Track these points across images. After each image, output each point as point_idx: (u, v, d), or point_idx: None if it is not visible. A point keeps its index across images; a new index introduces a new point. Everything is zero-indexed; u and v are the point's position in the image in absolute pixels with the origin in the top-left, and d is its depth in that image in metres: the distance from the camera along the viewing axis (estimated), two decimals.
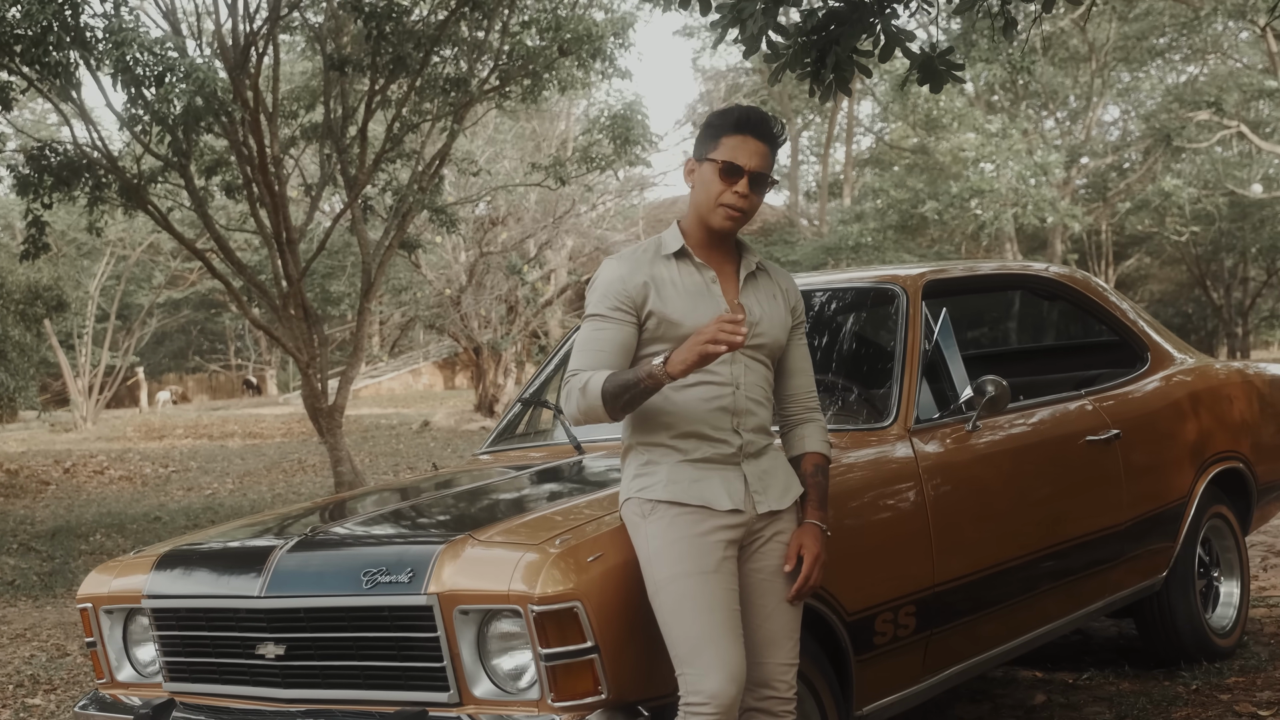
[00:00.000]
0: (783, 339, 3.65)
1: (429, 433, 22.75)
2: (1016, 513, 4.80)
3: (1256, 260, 44.32)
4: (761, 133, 3.55)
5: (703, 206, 3.55)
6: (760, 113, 3.59)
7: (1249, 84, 27.54)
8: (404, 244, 14.89)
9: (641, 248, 3.63)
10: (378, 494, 4.84)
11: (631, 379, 3.34)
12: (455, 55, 13.93)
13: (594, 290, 3.56)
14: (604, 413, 3.39)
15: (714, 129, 3.57)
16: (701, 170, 3.56)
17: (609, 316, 3.51)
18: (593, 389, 3.39)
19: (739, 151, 3.51)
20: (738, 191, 3.51)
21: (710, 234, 3.59)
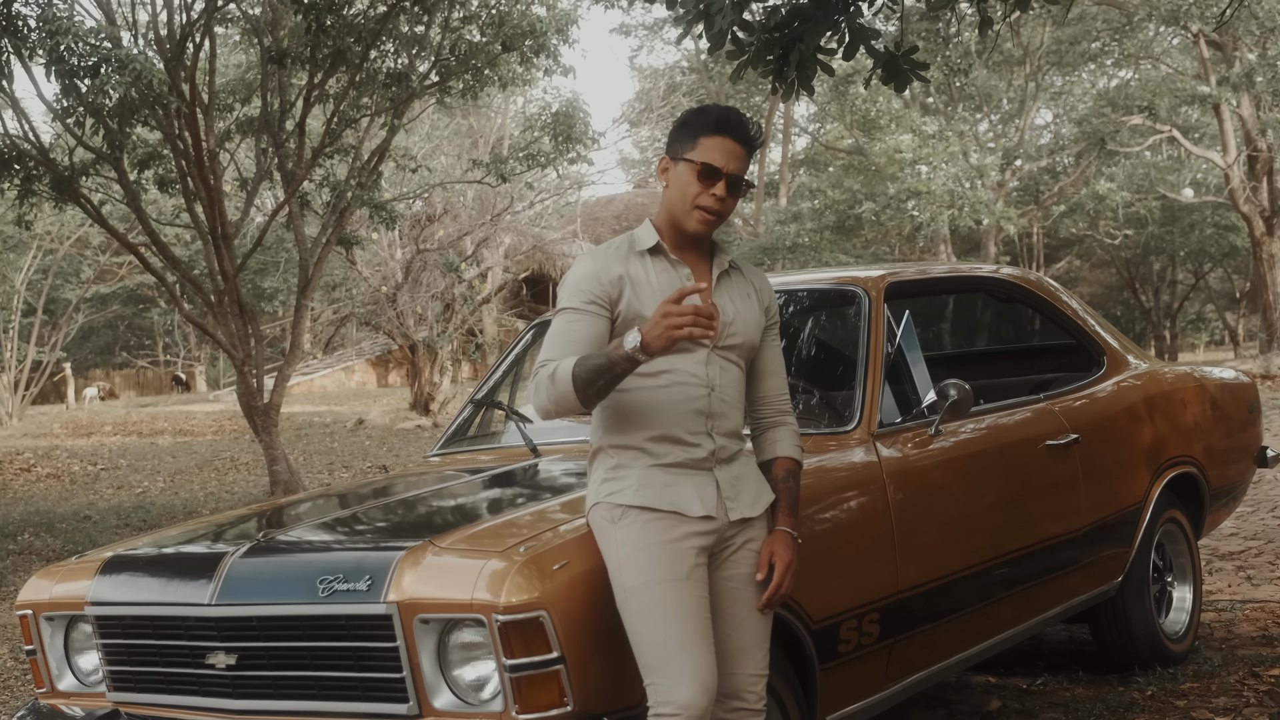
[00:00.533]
0: (756, 339, 3.57)
1: (364, 431, 22.54)
2: (978, 519, 4.75)
3: (1184, 264, 44.87)
4: (740, 134, 3.47)
5: (677, 208, 3.46)
6: (738, 113, 3.51)
7: (1182, 89, 27.77)
8: (342, 240, 14.69)
9: (614, 244, 3.54)
10: (329, 498, 4.72)
11: (604, 362, 3.22)
12: (396, 50, 13.75)
13: (566, 285, 3.47)
14: (575, 401, 3.28)
15: (691, 128, 3.48)
16: (677, 170, 3.47)
17: (582, 310, 3.41)
18: (562, 375, 3.27)
19: (717, 153, 3.43)
20: (715, 194, 3.43)
21: (684, 234, 3.51)
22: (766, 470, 3.61)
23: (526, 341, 5.51)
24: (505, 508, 3.98)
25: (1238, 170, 29.05)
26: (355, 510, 4.21)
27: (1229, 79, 26.97)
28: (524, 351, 5.50)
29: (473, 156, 21.79)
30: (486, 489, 4.40)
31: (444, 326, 22.62)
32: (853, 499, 4.25)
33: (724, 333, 3.48)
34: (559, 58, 13.67)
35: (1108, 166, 33.52)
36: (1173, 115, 30.73)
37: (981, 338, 7.21)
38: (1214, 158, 30.15)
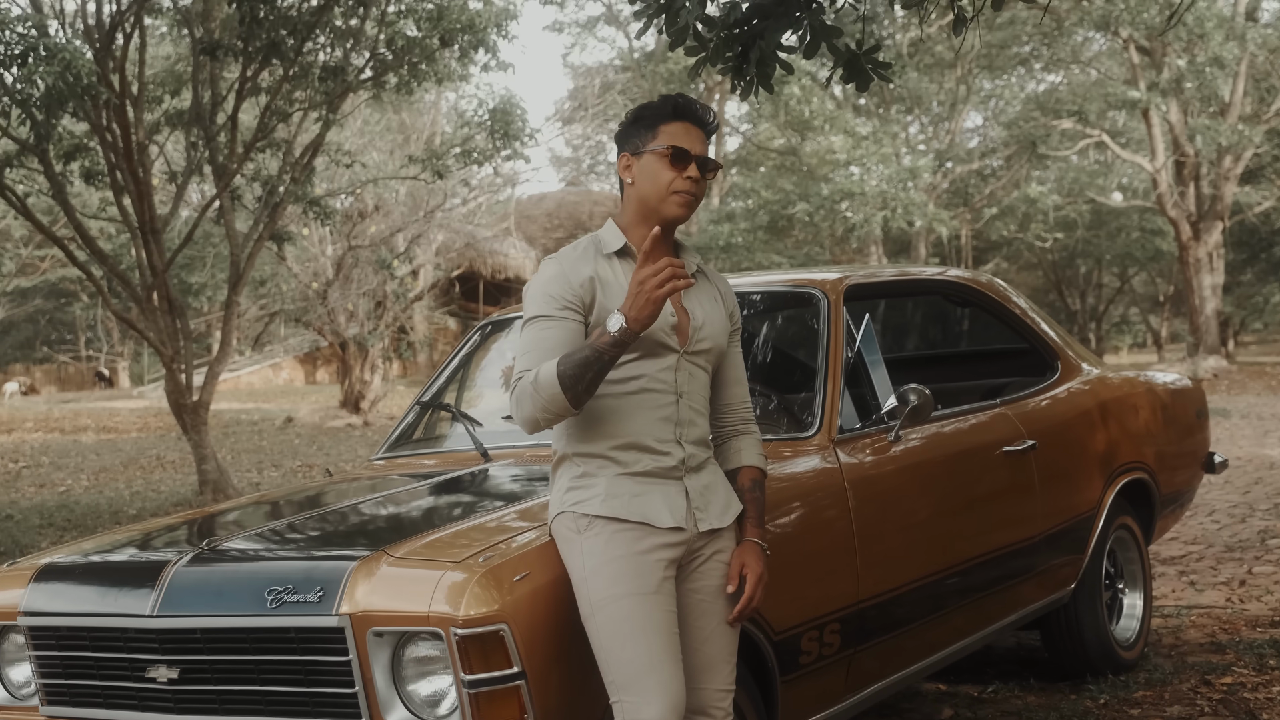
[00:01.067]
0: (724, 344, 3.47)
1: (293, 429, 22.25)
2: (938, 526, 4.67)
3: (1110, 267, 45.35)
4: (698, 117, 3.40)
5: (652, 198, 3.35)
6: (693, 99, 3.43)
7: (1114, 94, 28.01)
8: (274, 236, 14.46)
9: (579, 246, 3.42)
10: (274, 503, 4.55)
11: (589, 354, 3.10)
12: (331, 43, 13.54)
13: (534, 291, 3.34)
14: (565, 402, 3.14)
15: (648, 119, 3.38)
16: (643, 163, 3.36)
17: (556, 316, 3.28)
18: (546, 379, 3.14)
19: (682, 138, 3.34)
20: (690, 177, 3.33)
21: (663, 222, 3.40)
22: (731, 480, 3.51)
23: (475, 342, 5.38)
24: (460, 515, 3.84)
25: (1166, 175, 29.36)
26: (302, 517, 4.05)
27: (1159, 84, 27.23)
28: (471, 352, 5.37)
29: (406, 152, 21.57)
30: (438, 495, 4.26)
31: (375, 324, 22.36)
32: (814, 507, 4.15)
33: (694, 337, 3.38)
34: (497, 53, 13.51)
35: (1037, 170, 33.77)
36: (1101, 120, 31.01)
37: (933, 341, 7.15)
38: (1142, 162, 30.46)
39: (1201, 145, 27.82)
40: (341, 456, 17.78)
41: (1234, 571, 7.80)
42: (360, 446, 19.10)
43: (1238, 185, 30.80)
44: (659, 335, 3.30)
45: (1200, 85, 27.08)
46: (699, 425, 3.39)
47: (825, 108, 28.63)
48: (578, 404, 3.16)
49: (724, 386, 3.53)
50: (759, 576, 3.36)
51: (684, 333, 3.37)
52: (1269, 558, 8.14)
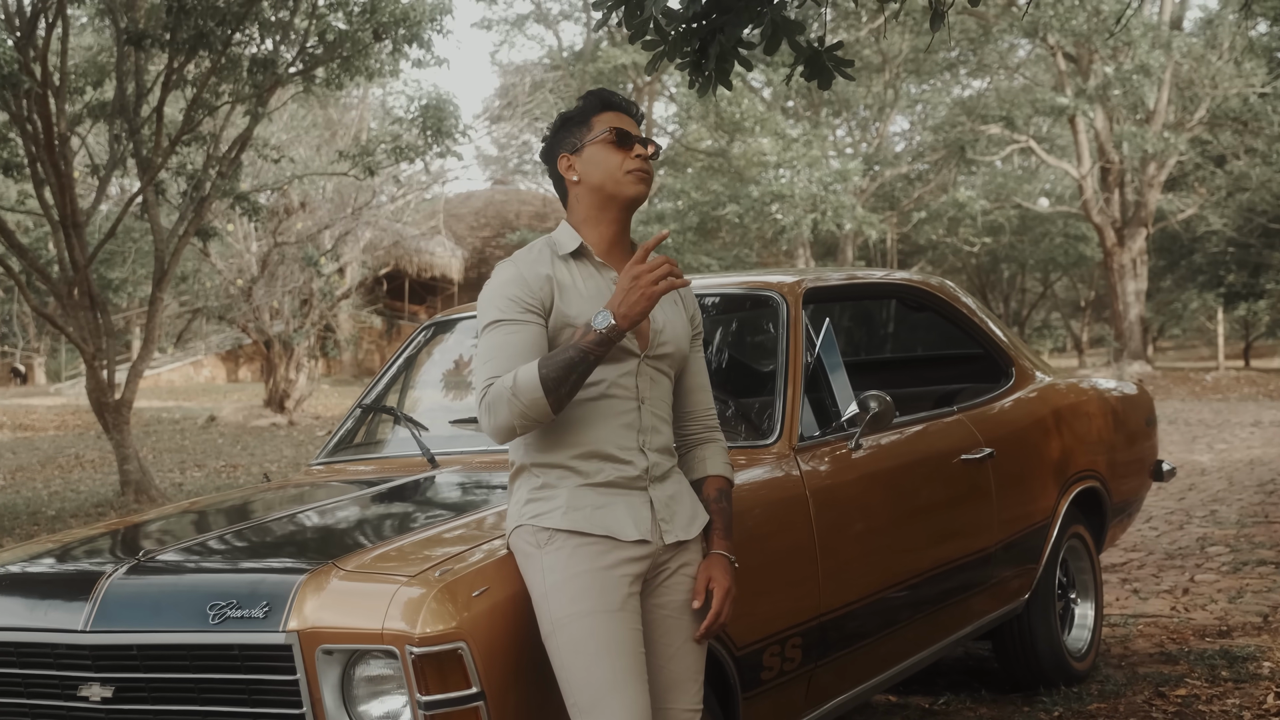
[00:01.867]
0: (685, 349, 3.34)
1: (215, 428, 21.87)
2: (898, 537, 4.57)
3: (1033, 271, 45.70)
4: (626, 107, 3.33)
5: (608, 184, 3.23)
6: (617, 93, 3.34)
7: (1043, 100, 28.18)
8: (200, 232, 14.15)
9: (533, 249, 3.28)
10: (212, 510, 4.36)
11: (574, 354, 2.98)
12: (261, 35, 13.27)
13: (492, 295, 3.19)
14: (546, 407, 3.00)
15: (579, 117, 3.30)
16: (586, 155, 3.26)
17: (519, 320, 3.14)
18: (526, 383, 2.99)
19: (619, 123, 3.27)
20: (639, 155, 3.23)
21: (613, 227, 3.27)
22: (696, 489, 3.37)
23: (419, 343, 5.20)
24: (412, 526, 3.66)
25: (1091, 181, 29.60)
26: (244, 526, 3.85)
27: (1086, 91, 27.44)
28: (415, 353, 5.19)
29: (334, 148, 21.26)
30: (387, 504, 4.08)
31: (301, 322, 22.02)
32: (775, 518, 4.02)
33: (655, 341, 3.24)
34: (432, 48, 13.29)
35: (964, 175, 33.94)
36: (1027, 126, 31.22)
37: (881, 346, 7.05)
38: (1069, 168, 30.70)
39: (1128, 152, 28.05)
40: (267, 457, 17.48)
41: (1176, 579, 7.76)
42: (286, 446, 18.79)
43: (1161, 192, 31.10)
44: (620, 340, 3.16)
45: (1127, 92, 27.31)
46: (662, 433, 3.26)
47: (756, 109, 28.58)
48: (558, 408, 3.03)
49: (687, 393, 3.40)
50: (726, 591, 3.23)
51: (644, 336, 3.23)
52: (1209, 565, 8.12)
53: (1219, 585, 7.56)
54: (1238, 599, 7.17)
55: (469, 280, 40.83)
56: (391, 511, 4.01)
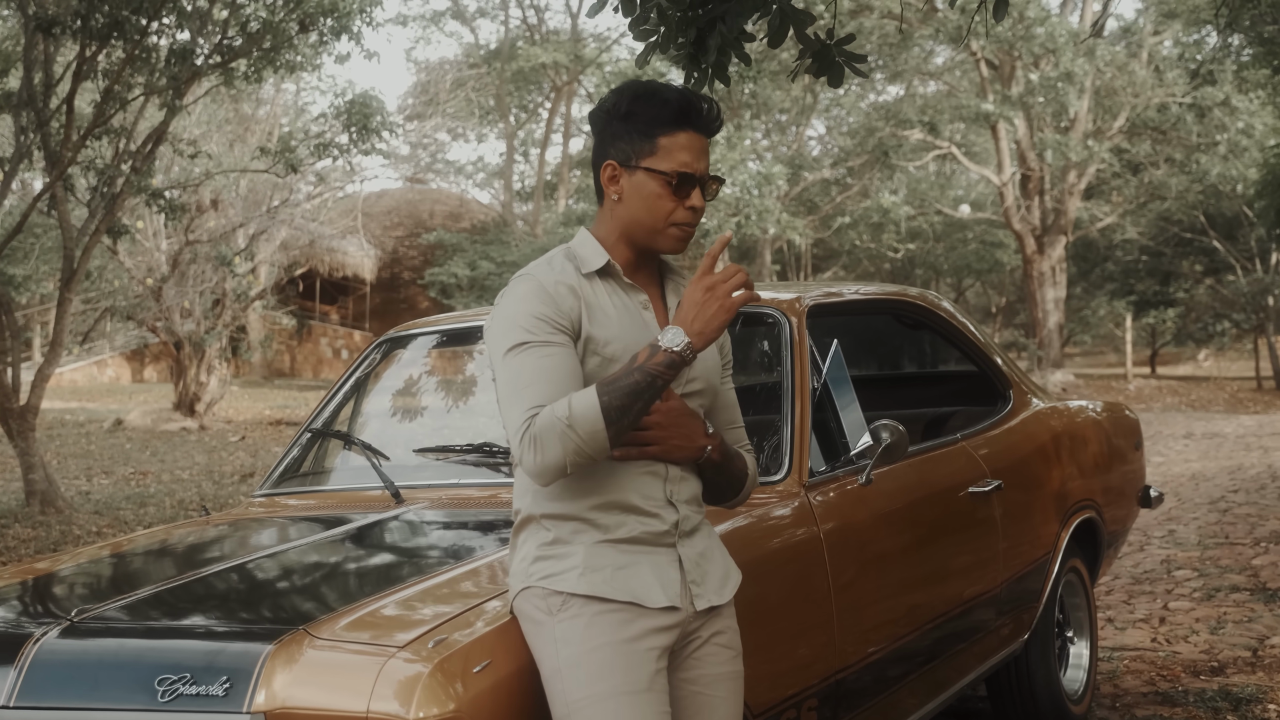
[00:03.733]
0: (717, 383, 2.91)
1: (123, 432, 21.07)
2: (911, 580, 4.16)
3: (947, 277, 45.78)
4: (705, 125, 2.79)
5: (644, 227, 2.76)
6: (699, 98, 2.81)
7: (967, 107, 28.06)
8: (110, 230, 13.48)
9: (553, 262, 2.82)
10: (148, 554, 3.84)
11: (640, 379, 2.57)
12: (179, 24, 12.64)
13: (514, 312, 2.72)
14: (605, 441, 2.57)
15: (645, 123, 2.75)
16: (636, 181, 2.76)
17: (550, 341, 2.68)
18: (584, 413, 2.55)
19: (686, 154, 2.74)
20: (692, 207, 2.76)
21: (644, 255, 2.83)
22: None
23: (372, 361, 4.71)
24: (390, 579, 3.18)
25: (1012, 189, 29.55)
26: (191, 576, 3.33)
27: (1010, 98, 27.35)
28: (369, 372, 4.70)
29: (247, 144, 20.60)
30: (354, 549, 3.59)
31: (213, 323, 21.31)
32: (788, 565, 3.60)
33: (684, 378, 2.80)
34: (362, 40, 12.74)
35: (884, 180, 33.79)
36: (948, 132, 31.12)
37: (861, 364, 6.66)
38: (990, 175, 30.65)
39: (1051, 160, 28.01)
40: (178, 463, 16.80)
41: (1150, 608, 7.45)
42: (198, 453, 18.11)
43: (1080, 200, 31.13)
44: None
45: (1050, 100, 27.26)
46: (691, 481, 2.82)
47: None
48: (616, 443, 2.61)
49: (716, 429, 2.96)
50: (673, 410, 2.75)
51: None
52: (1180, 592, 7.82)
53: (1195, 614, 7.24)
54: (1219, 630, 6.86)
55: (381, 280, 40.14)
56: (360, 560, 3.52)
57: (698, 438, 2.76)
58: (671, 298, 2.88)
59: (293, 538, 3.70)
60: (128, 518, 11.96)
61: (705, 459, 2.79)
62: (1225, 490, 11.96)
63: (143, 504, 12.88)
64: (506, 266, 32.56)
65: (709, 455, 2.79)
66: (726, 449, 2.86)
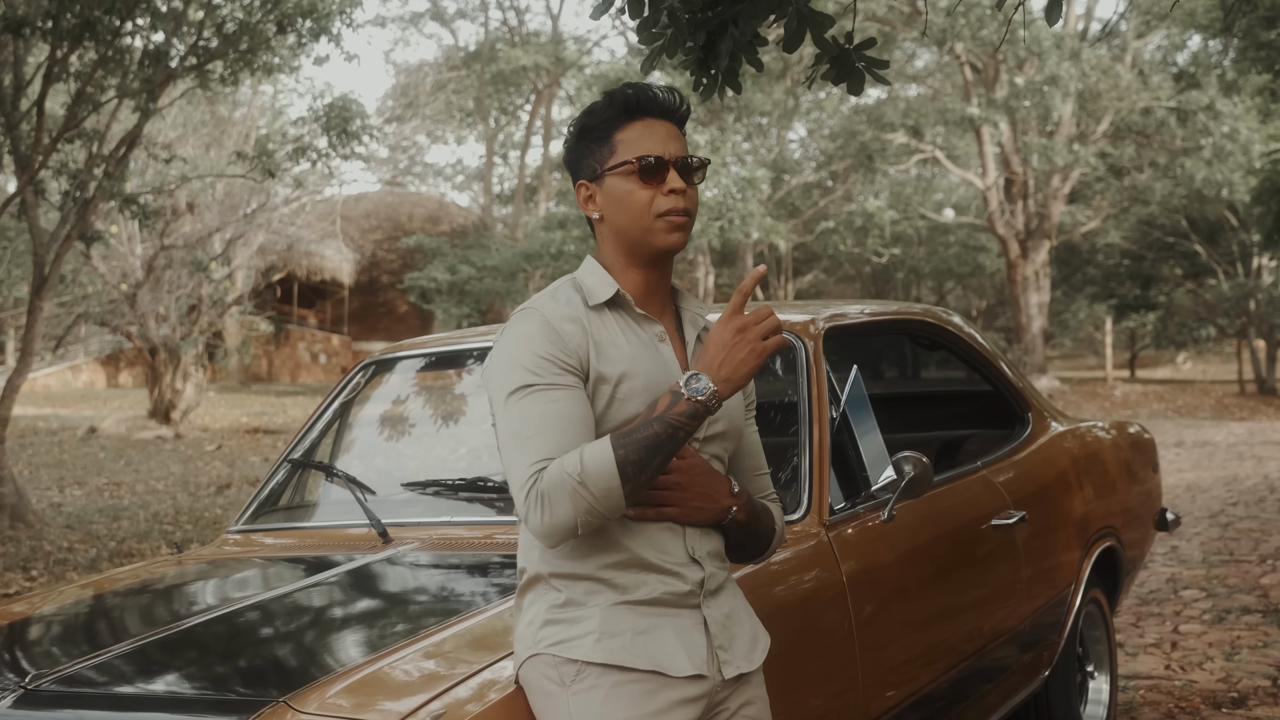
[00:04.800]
0: (740, 424, 2.62)
1: (97, 440, 20.70)
2: (936, 622, 3.88)
3: (926, 280, 45.60)
4: (661, 108, 2.54)
5: (632, 230, 2.49)
6: (647, 86, 2.56)
7: (952, 110, 27.84)
8: (83, 235, 13.15)
9: (558, 294, 2.53)
10: (112, 602, 3.53)
11: (662, 432, 2.30)
12: (153, 25, 12.31)
13: (515, 352, 2.44)
14: (620, 499, 2.30)
15: (598, 130, 2.54)
16: (607, 189, 2.51)
17: (557, 385, 2.40)
18: (597, 468, 2.28)
19: (646, 141, 2.50)
20: (672, 189, 2.48)
21: (649, 272, 2.55)
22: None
23: (357, 385, 4.42)
24: (380, 638, 2.88)
25: (996, 193, 29.36)
26: (159, 634, 3.03)
27: (995, 101, 27.16)
28: (351, 397, 4.41)
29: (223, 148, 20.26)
30: (338, 599, 3.30)
31: (189, 329, 20.94)
32: (810, 612, 3.32)
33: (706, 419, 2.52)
34: (341, 41, 12.42)
35: (867, 184, 33.58)
36: (932, 136, 30.91)
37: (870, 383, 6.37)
38: (974, 179, 30.46)
39: (1037, 164, 27.81)
40: (153, 473, 16.46)
41: (1161, 631, 7.19)
42: (173, 462, 17.77)
43: (1064, 205, 30.96)
44: None
45: (1036, 104, 27.06)
46: (713, 535, 2.54)
47: None
48: (632, 501, 2.34)
49: (739, 476, 2.68)
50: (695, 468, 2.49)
51: None
52: (1190, 614, 7.56)
53: (1208, 638, 6.99)
54: (1235, 656, 6.60)
55: (360, 284, 39.80)
56: (346, 613, 3.22)
57: (721, 497, 2.49)
58: (689, 329, 2.60)
59: (270, 585, 3.40)
60: (100, 532, 11.63)
61: (729, 520, 2.52)
62: (1224, 503, 11.73)
63: (116, 517, 12.55)
64: (486, 271, 32.27)
65: (733, 517, 2.51)
66: (753, 506, 2.58)
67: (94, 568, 9.83)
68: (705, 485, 2.46)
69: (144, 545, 10.77)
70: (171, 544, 4.12)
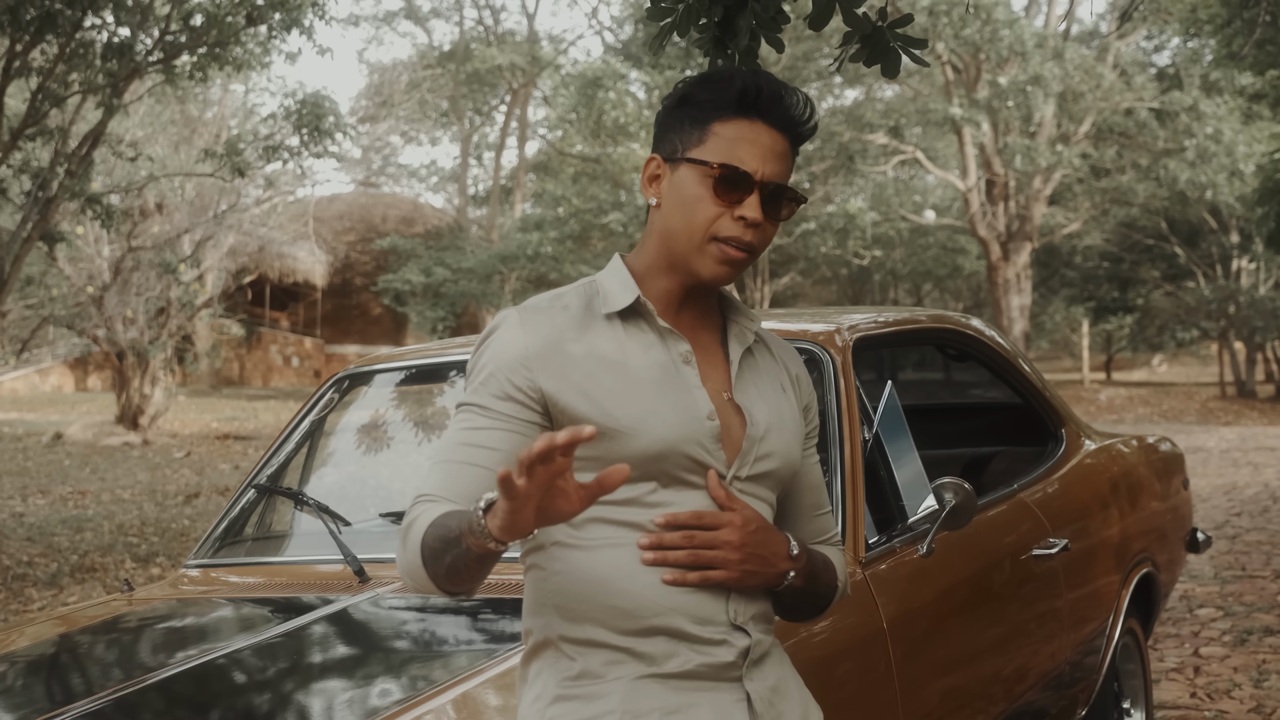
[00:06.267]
0: (797, 458, 2.19)
1: (62, 447, 20.18)
2: (981, 666, 3.48)
3: (905, 281, 45.32)
4: (780, 115, 2.07)
5: (681, 239, 2.05)
6: (776, 82, 2.08)
7: (935, 110, 27.50)
8: (45, 236, 12.67)
9: (564, 298, 2.10)
10: (54, 655, 3.10)
11: (454, 531, 1.82)
12: (117, 18, 11.84)
13: (479, 363, 2.04)
14: (427, 579, 1.90)
15: (699, 107, 2.06)
16: (678, 178, 2.06)
17: (493, 411, 1.99)
18: (414, 536, 1.90)
19: (745, 147, 2.03)
20: (744, 217, 2.02)
21: (687, 284, 2.11)
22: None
23: (330, 400, 3.99)
24: (359, 710, 2.46)
25: (977, 195, 29.05)
26: (96, 702, 2.59)
27: (978, 101, 26.85)
28: (324, 414, 3.98)
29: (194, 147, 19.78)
30: (308, 656, 2.86)
31: (158, 332, 20.44)
32: (850, 663, 2.91)
33: (752, 453, 2.09)
34: (313, 34, 11.95)
35: (847, 186, 33.24)
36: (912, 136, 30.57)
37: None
38: (955, 181, 30.14)
39: (1020, 165, 27.49)
40: (119, 481, 15.97)
41: (1181, 654, 6.81)
42: (140, 470, 17.27)
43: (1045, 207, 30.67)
44: (692, 451, 2.02)
45: (1019, 104, 26.75)
46: (758, 592, 2.11)
47: (643, 115, 27.52)
48: (450, 589, 1.92)
49: (796, 516, 2.26)
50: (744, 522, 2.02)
51: (734, 444, 2.08)
52: (1209, 634, 7.19)
53: (1231, 662, 6.61)
54: (1264, 682, 6.22)
55: (333, 286, 39.27)
56: (318, 673, 2.78)
57: (778, 560, 2.06)
58: (734, 345, 2.16)
59: (230, 636, 2.97)
60: (62, 544, 11.16)
61: (785, 586, 2.10)
62: (1227, 514, 11.38)
63: (79, 529, 12.08)
64: (462, 273, 31.81)
65: (790, 583, 2.10)
66: (813, 566, 2.15)
67: (54, 583, 9.39)
68: (760, 545, 2.03)
69: (107, 559, 10.32)
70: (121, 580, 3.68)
